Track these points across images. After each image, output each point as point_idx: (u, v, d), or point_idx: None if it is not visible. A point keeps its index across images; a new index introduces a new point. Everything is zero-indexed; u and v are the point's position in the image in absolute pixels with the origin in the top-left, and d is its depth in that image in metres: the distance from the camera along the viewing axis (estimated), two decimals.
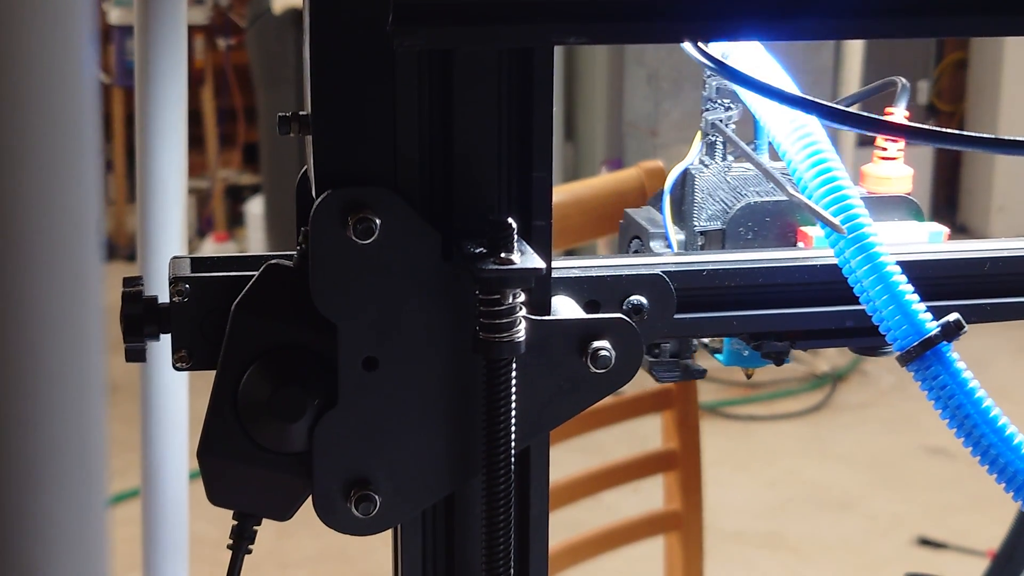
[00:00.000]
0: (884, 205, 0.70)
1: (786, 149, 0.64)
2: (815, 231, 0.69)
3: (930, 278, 0.66)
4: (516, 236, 0.56)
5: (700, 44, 0.63)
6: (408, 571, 0.62)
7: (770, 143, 0.69)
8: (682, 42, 0.59)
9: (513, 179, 0.58)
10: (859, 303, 0.64)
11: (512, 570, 0.59)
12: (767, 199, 0.70)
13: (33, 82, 0.30)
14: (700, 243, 0.70)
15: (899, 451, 3.19)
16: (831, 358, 3.68)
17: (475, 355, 0.57)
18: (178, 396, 1.16)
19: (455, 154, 0.58)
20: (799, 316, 0.66)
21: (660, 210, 0.71)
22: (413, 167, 0.58)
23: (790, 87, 0.66)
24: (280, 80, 3.76)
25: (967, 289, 0.68)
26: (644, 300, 0.63)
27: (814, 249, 0.70)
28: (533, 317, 0.58)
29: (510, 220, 0.56)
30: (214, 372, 0.60)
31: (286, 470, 0.59)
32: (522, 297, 0.56)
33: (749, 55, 0.67)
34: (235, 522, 0.61)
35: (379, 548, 2.58)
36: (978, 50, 4.44)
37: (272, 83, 3.83)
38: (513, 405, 0.57)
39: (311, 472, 0.59)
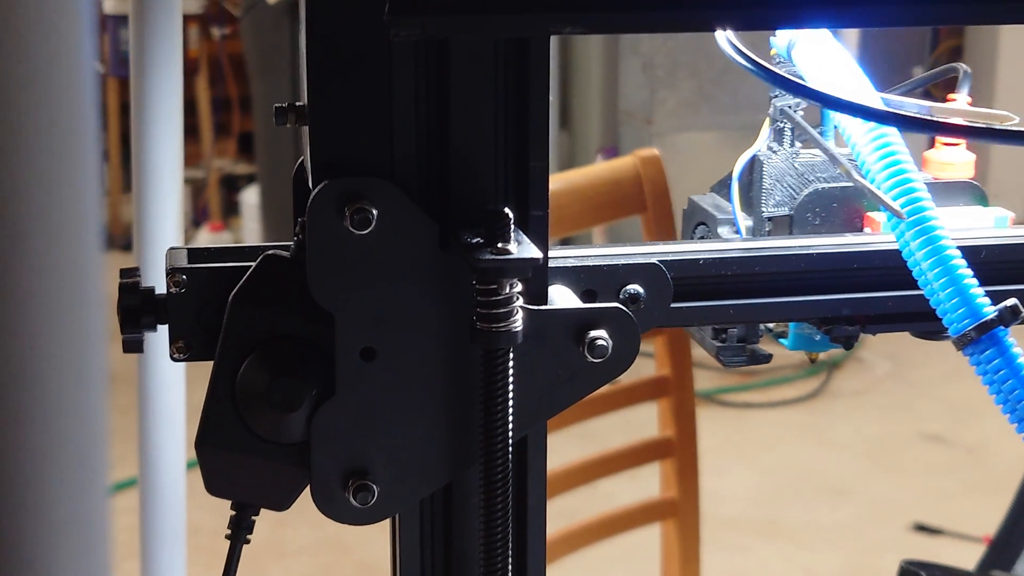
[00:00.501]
0: (949, 191, 0.71)
1: (851, 134, 0.65)
2: (881, 216, 0.70)
3: (991, 263, 0.66)
4: (513, 226, 0.56)
5: (729, 36, 0.63)
6: (406, 560, 0.62)
7: (836, 128, 0.70)
8: (677, 31, 0.59)
9: (510, 169, 0.58)
10: (862, 290, 0.65)
11: (510, 559, 0.59)
12: (834, 185, 0.71)
13: (33, 72, 0.30)
14: (767, 229, 0.71)
15: (895, 438, 3.19)
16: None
17: (472, 345, 0.57)
18: (175, 386, 1.16)
19: (452, 144, 0.58)
20: (796, 305, 0.66)
21: (726, 197, 0.72)
22: (410, 157, 0.57)
23: (851, 75, 0.66)
24: (275, 69, 3.75)
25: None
26: (641, 289, 0.63)
27: (813, 237, 0.70)
28: (530, 307, 0.58)
29: (507, 210, 0.56)
30: (211, 362, 0.60)
31: (284, 460, 0.59)
32: (519, 287, 0.56)
33: (813, 43, 0.67)
34: (233, 512, 0.61)
35: (377, 537, 2.58)
36: (973, 37, 4.44)
37: (267, 72, 3.83)
38: (510, 394, 0.57)
39: (309, 462, 0.59)
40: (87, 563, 0.31)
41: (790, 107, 0.71)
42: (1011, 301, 0.61)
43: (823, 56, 0.67)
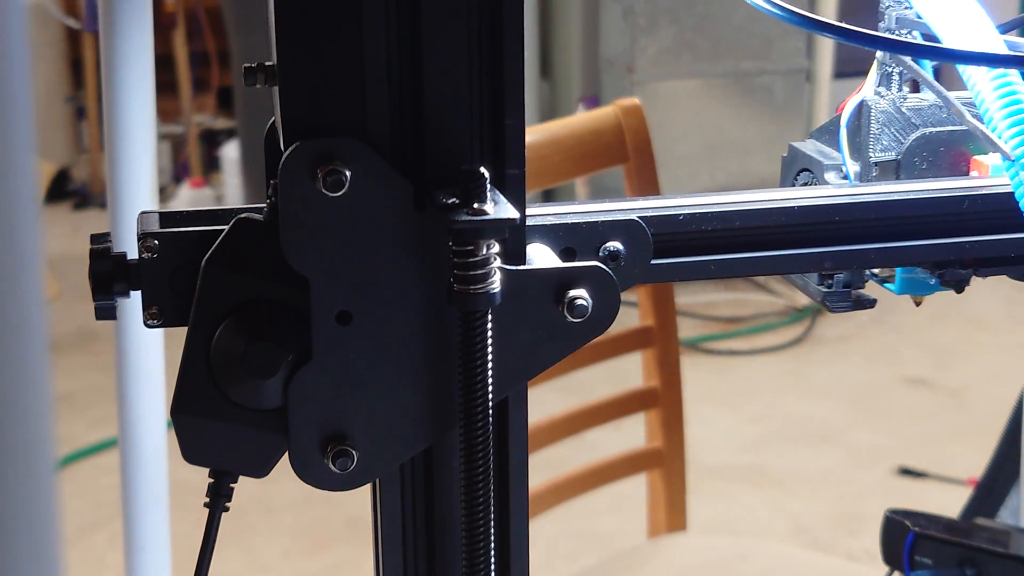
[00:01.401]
0: None
1: (972, 76, 0.64)
2: (989, 159, 0.70)
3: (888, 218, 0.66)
4: (489, 185, 0.55)
5: None
6: (387, 524, 0.62)
7: (934, 70, 0.71)
8: None
9: (485, 127, 0.57)
10: (851, 243, 0.64)
11: (492, 521, 0.58)
12: (942, 129, 0.71)
13: None
14: (874, 174, 0.71)
15: (879, 383, 3.20)
16: None
17: (450, 307, 0.56)
18: (153, 345, 1.15)
19: (425, 102, 0.56)
20: (778, 259, 0.66)
21: (827, 143, 0.72)
22: (383, 116, 0.56)
23: (971, 14, 0.65)
24: (253, 23, 3.71)
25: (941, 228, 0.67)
26: (620, 246, 0.62)
27: (790, 190, 0.69)
28: (508, 267, 0.57)
29: (482, 169, 0.55)
30: (186, 328, 0.59)
31: (262, 426, 0.58)
32: (496, 247, 0.55)
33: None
34: (211, 480, 0.60)
35: (363, 491, 2.58)
36: None
37: (245, 26, 3.79)
38: (490, 356, 0.56)
39: (287, 428, 0.58)
40: (35, 542, 0.30)
41: None
42: None
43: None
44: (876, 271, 0.72)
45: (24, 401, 0.29)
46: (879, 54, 0.72)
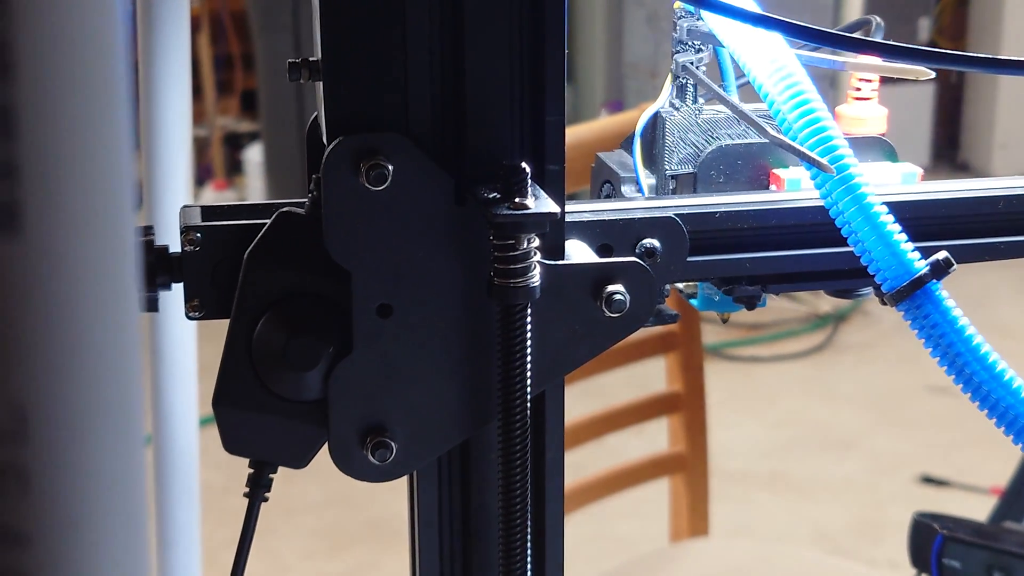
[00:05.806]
0: (859, 146, 0.69)
1: (768, 90, 0.63)
2: (787, 173, 0.68)
3: (921, 218, 0.66)
4: (530, 181, 0.55)
5: None
6: (424, 517, 0.62)
7: (739, 86, 0.69)
8: None
9: (526, 123, 0.58)
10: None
11: (529, 514, 0.59)
12: (739, 142, 0.69)
13: (65, 29, 0.29)
14: (672, 187, 0.69)
15: (901, 390, 3.20)
16: (833, 298, 3.68)
17: (490, 301, 0.57)
18: (186, 343, 1.16)
19: (467, 98, 0.57)
20: (814, 257, 0.66)
21: (631, 154, 0.70)
22: (425, 112, 0.57)
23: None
24: (277, 26, 3.73)
25: (972, 228, 0.67)
26: (657, 243, 0.63)
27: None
28: (547, 262, 0.58)
29: (524, 165, 0.55)
30: (225, 320, 0.60)
31: (302, 418, 0.59)
32: (536, 242, 0.56)
33: None
34: (251, 470, 0.61)
35: (384, 493, 2.59)
36: None
37: (269, 29, 3.81)
38: (528, 350, 0.57)
39: (327, 420, 0.59)
40: (127, 516, 0.31)
41: (692, 63, 0.69)
42: (942, 254, 0.60)
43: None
44: (681, 285, 0.69)
45: (120, 382, 0.30)
46: (672, 66, 0.69)
